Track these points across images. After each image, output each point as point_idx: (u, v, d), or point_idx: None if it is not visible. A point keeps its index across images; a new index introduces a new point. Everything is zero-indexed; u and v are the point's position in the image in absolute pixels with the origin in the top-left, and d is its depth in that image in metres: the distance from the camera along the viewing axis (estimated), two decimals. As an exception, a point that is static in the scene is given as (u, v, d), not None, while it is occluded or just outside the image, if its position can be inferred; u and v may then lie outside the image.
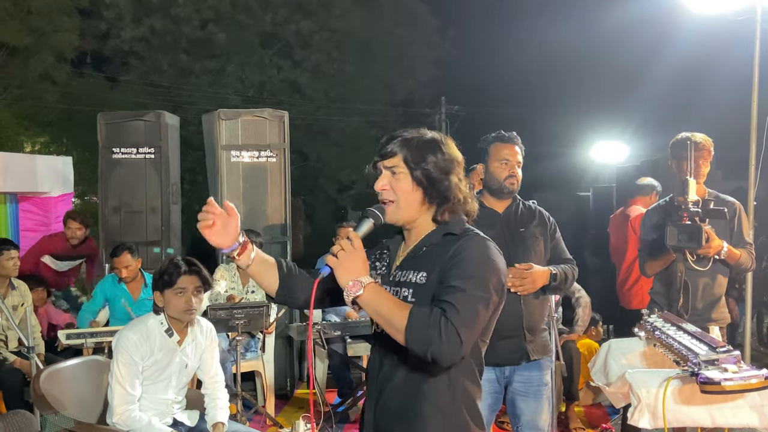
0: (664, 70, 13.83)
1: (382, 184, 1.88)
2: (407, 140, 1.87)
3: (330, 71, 17.92)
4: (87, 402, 3.42)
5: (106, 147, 6.12)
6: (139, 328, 3.34)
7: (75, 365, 3.54)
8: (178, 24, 16.19)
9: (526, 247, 3.11)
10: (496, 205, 3.18)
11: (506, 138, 3.17)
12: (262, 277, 2.01)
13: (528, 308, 3.07)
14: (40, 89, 15.05)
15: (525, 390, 3.11)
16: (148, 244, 6.08)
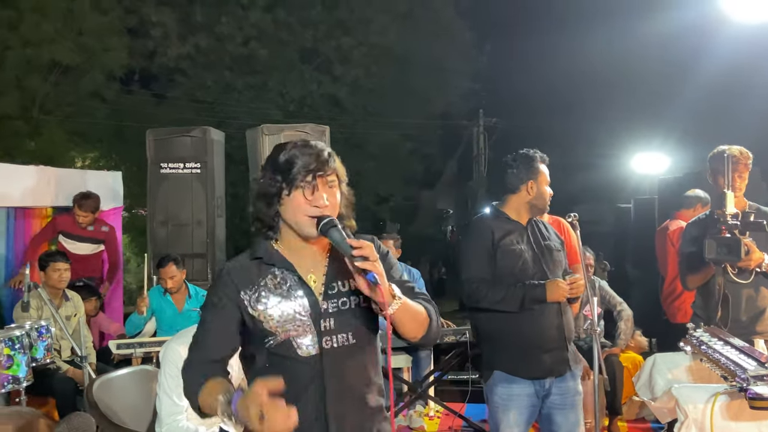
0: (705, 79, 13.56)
1: (326, 198, 1.81)
2: (330, 153, 1.84)
3: (368, 85, 18.06)
4: (137, 411, 3.48)
5: (154, 162, 6.26)
6: (184, 340, 3.37)
7: (125, 375, 3.62)
8: (221, 41, 16.51)
9: (553, 257, 3.14)
10: (519, 218, 3.20)
11: (546, 159, 3.26)
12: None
13: (567, 318, 3.09)
14: (90, 106, 15.48)
15: (562, 402, 3.07)
16: (194, 256, 6.17)
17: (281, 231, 1.88)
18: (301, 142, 1.84)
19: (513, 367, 3.05)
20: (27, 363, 3.93)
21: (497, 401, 3.08)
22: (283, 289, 1.85)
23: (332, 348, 1.83)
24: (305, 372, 1.82)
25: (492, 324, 3.13)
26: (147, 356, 4.81)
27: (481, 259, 3.11)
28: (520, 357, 3.03)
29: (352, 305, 1.86)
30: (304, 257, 1.88)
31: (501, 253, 3.08)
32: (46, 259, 4.99)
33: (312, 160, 1.78)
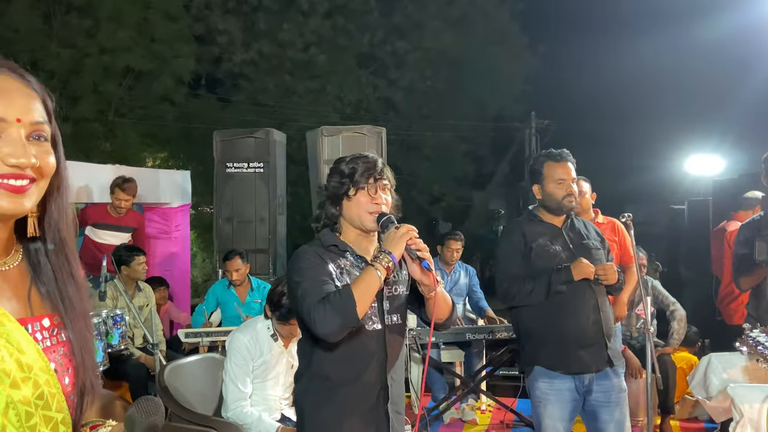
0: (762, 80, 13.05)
1: (387, 202, 2.17)
2: (383, 163, 2.19)
3: (423, 89, 18.04)
4: (204, 396, 3.59)
5: (221, 162, 6.42)
6: (249, 330, 3.48)
7: (194, 361, 3.73)
8: (283, 47, 16.75)
9: (592, 256, 3.07)
10: (554, 220, 3.15)
11: (558, 156, 3.14)
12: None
13: (605, 314, 3.03)
14: (160, 110, 15.94)
15: (606, 399, 3.02)
16: (257, 251, 6.30)
17: (342, 226, 2.21)
18: (359, 155, 2.20)
19: (551, 363, 3.03)
20: (104, 349, 4.07)
21: (539, 396, 3.07)
22: (357, 272, 2.13)
23: (391, 325, 2.18)
24: (372, 344, 2.14)
25: (530, 320, 3.12)
26: (213, 345, 4.94)
27: (513, 261, 3.12)
28: (558, 352, 3.01)
29: (401, 292, 2.23)
30: (363, 248, 2.20)
31: (535, 254, 3.07)
32: (128, 253, 5.15)
33: (371, 167, 2.13)
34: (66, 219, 1.12)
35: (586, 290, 2.99)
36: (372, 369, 2.14)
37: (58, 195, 1.09)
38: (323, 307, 2.00)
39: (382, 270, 1.99)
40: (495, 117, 19.56)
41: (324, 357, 2.14)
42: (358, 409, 2.13)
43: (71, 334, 1.12)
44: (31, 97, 1.05)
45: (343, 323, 1.99)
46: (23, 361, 0.99)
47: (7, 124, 1.00)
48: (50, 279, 1.11)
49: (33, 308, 1.07)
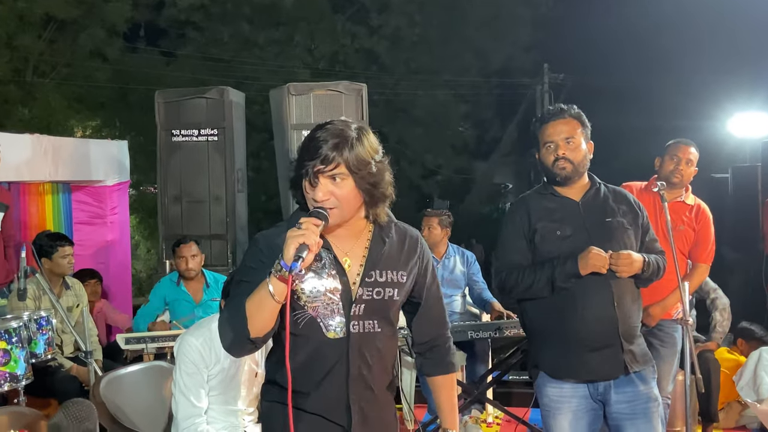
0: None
1: (322, 194, 2.04)
2: (343, 142, 2.03)
3: (412, 38, 17.97)
4: (150, 412, 3.57)
5: (165, 129, 6.35)
6: (202, 332, 3.44)
7: (137, 371, 3.71)
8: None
9: (614, 239, 3.00)
10: (569, 192, 3.09)
11: (548, 115, 3.10)
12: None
13: (623, 311, 2.97)
14: (90, 67, 15.80)
15: (632, 411, 3.00)
16: (212, 237, 6.27)
17: None
18: (328, 127, 2.07)
19: (554, 367, 3.04)
20: (26, 359, 4.03)
21: (547, 404, 3.07)
22: (318, 265, 2.10)
23: (358, 333, 2.13)
24: (331, 353, 2.12)
25: (533, 316, 3.12)
26: (160, 352, 4.92)
27: (514, 246, 3.10)
28: (562, 355, 3.00)
29: (386, 296, 2.17)
30: (341, 239, 2.16)
31: (540, 237, 3.04)
32: (50, 243, 5.09)
33: (317, 152, 2.01)
34: None
35: (600, 281, 2.94)
36: (331, 382, 2.13)
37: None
38: (221, 318, 2.08)
39: (274, 282, 1.94)
40: (500, 71, 19.56)
41: (276, 368, 2.16)
42: (317, 426, 2.14)
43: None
44: None
45: (234, 340, 2.05)
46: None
47: None
48: None
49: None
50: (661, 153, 4.25)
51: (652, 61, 18.70)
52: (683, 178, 4.12)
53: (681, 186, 4.14)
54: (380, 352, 2.19)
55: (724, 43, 17.22)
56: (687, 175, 4.14)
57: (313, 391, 2.12)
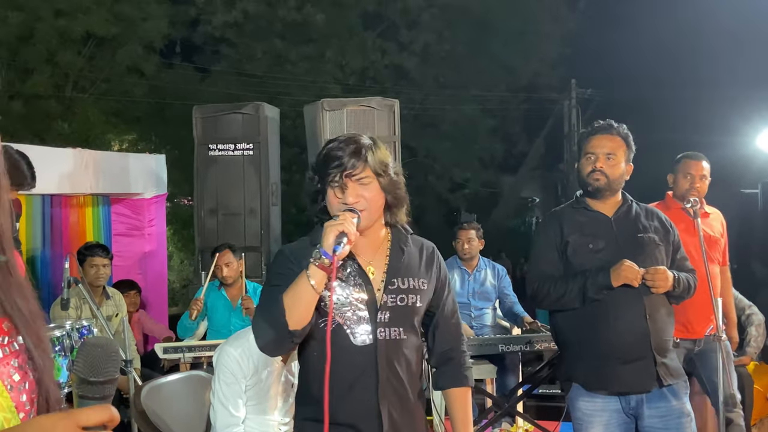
0: None
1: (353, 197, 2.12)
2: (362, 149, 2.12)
3: (440, 53, 17.98)
4: (189, 420, 3.59)
5: (202, 143, 6.43)
6: (240, 343, 3.46)
7: (176, 381, 3.74)
8: (272, 6, 16.76)
9: (645, 254, 3.00)
10: (602, 207, 3.11)
11: (597, 129, 3.12)
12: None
13: (655, 324, 2.97)
14: (127, 83, 15.96)
15: (664, 426, 2.98)
16: (247, 249, 6.30)
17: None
18: (340, 139, 2.17)
19: (587, 380, 3.03)
20: (68, 367, 4.07)
21: (580, 417, 3.06)
22: (343, 274, 2.16)
23: (385, 339, 2.16)
24: (360, 361, 2.14)
25: (566, 328, 3.12)
26: (197, 361, 4.95)
27: (546, 257, 3.12)
28: (595, 367, 2.99)
29: (409, 303, 2.21)
30: (363, 248, 2.20)
31: (572, 250, 3.05)
32: (84, 252, 5.16)
33: (340, 160, 2.10)
34: (2, 211, 1.11)
35: (632, 294, 2.94)
36: (361, 391, 2.15)
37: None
38: (257, 317, 2.10)
39: (313, 271, 1.98)
40: (527, 86, 19.49)
41: (311, 375, 2.19)
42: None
43: (27, 338, 1.11)
44: None
45: (274, 335, 2.06)
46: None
47: None
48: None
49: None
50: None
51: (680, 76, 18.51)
52: (700, 194, 4.08)
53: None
54: (407, 359, 2.21)
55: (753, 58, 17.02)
56: (703, 191, 4.12)
57: (343, 400, 2.12)
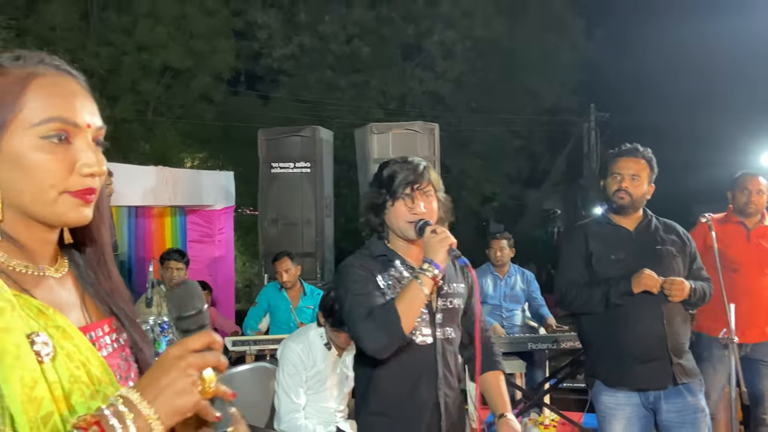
0: None
1: (424, 208, 2.14)
2: (425, 167, 2.18)
3: (473, 81, 17.92)
4: (256, 406, 3.62)
5: (265, 162, 6.50)
6: (302, 339, 3.50)
7: (245, 371, 3.77)
8: (324, 41, 16.89)
9: (664, 264, 2.94)
10: (625, 222, 3.06)
11: (624, 151, 3.07)
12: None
13: (672, 328, 2.91)
14: (199, 108, 16.23)
15: (681, 420, 2.91)
16: (304, 255, 6.36)
17: (390, 235, 2.23)
18: (401, 159, 2.21)
19: (608, 377, 2.98)
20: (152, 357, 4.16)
21: (603, 410, 3.01)
22: (404, 283, 2.13)
23: (441, 339, 2.17)
24: (422, 358, 2.14)
25: (590, 330, 3.07)
26: (261, 353, 5.00)
27: (572, 265, 3.07)
28: (616, 365, 2.94)
29: (456, 305, 2.24)
30: (414, 256, 2.21)
31: (595, 260, 3.01)
32: (164, 256, 5.25)
33: (410, 175, 2.13)
34: (105, 222, 1.13)
35: (651, 301, 2.89)
36: (423, 385, 2.14)
37: (100, 199, 1.08)
38: (368, 323, 2.04)
39: (426, 281, 1.99)
40: (550, 110, 19.31)
41: (376, 373, 2.16)
42: (413, 427, 2.14)
43: (132, 333, 1.13)
44: (91, 100, 1.05)
45: (388, 340, 2.03)
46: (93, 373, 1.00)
47: (79, 130, 1.01)
48: (94, 283, 1.13)
49: (90, 315, 1.09)
50: (720, 185, 4.18)
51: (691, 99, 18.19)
52: (758, 207, 4.00)
53: (757, 213, 4.02)
54: (455, 355, 2.24)
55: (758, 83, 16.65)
56: (760, 204, 4.02)
57: (410, 395, 2.13)
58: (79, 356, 0.99)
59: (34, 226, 1.02)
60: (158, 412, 0.90)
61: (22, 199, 0.99)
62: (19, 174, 0.99)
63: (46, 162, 0.98)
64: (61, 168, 0.99)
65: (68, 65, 1.08)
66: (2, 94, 0.99)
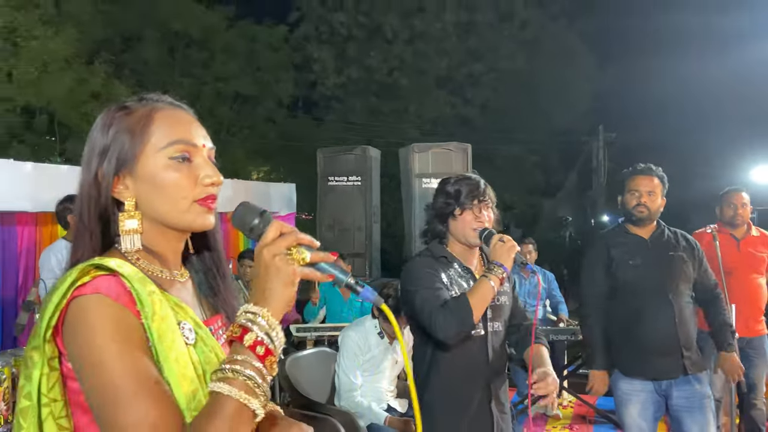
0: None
1: (488, 219, 2.19)
2: (485, 184, 2.21)
3: (496, 106, 17.81)
4: (320, 385, 3.65)
5: (323, 176, 6.55)
6: (359, 328, 3.52)
7: (310, 354, 3.80)
8: (370, 72, 16.97)
9: (676, 269, 2.89)
10: (640, 232, 2.99)
11: (639, 170, 3.02)
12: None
13: (683, 326, 2.85)
14: (263, 129, 16.45)
15: (689, 405, 2.85)
16: (355, 255, 6.39)
17: (449, 240, 2.24)
18: (462, 176, 2.25)
19: (626, 368, 2.92)
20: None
21: (620, 396, 2.96)
22: (463, 282, 2.17)
23: (492, 331, 2.18)
24: (476, 348, 2.15)
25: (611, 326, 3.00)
26: (319, 339, 5.03)
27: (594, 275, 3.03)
28: (633, 358, 2.89)
29: (503, 302, 2.24)
30: (468, 260, 2.24)
31: (615, 264, 2.95)
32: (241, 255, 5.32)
33: (474, 189, 2.17)
34: (219, 232, 1.16)
35: (664, 303, 2.85)
36: (476, 370, 2.15)
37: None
38: (443, 313, 2.03)
39: (495, 281, 2.02)
40: (564, 131, 19.08)
41: (436, 358, 2.16)
42: (467, 407, 2.13)
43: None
44: (200, 126, 1.09)
45: (460, 328, 2.03)
46: (219, 358, 1.02)
47: (197, 150, 1.05)
48: (211, 284, 1.15)
49: (206, 311, 1.12)
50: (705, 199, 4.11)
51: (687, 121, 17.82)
52: (744, 219, 3.93)
53: (743, 224, 3.95)
54: (501, 346, 2.23)
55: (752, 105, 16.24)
56: (745, 216, 3.94)
57: (464, 379, 2.14)
58: (209, 343, 1.02)
59: (168, 234, 1.06)
60: (272, 309, 0.92)
61: (160, 211, 1.03)
62: (155, 191, 1.02)
63: (176, 178, 1.02)
64: (187, 182, 1.02)
65: (176, 100, 1.13)
66: (133, 128, 1.04)
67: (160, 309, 0.95)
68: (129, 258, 1.03)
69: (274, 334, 0.92)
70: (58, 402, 0.95)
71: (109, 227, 1.04)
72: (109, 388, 0.88)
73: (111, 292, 0.92)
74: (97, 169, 1.03)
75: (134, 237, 1.03)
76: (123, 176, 1.03)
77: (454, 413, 2.13)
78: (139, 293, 0.94)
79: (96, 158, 1.04)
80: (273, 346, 0.91)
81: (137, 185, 1.03)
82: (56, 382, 0.95)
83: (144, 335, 0.93)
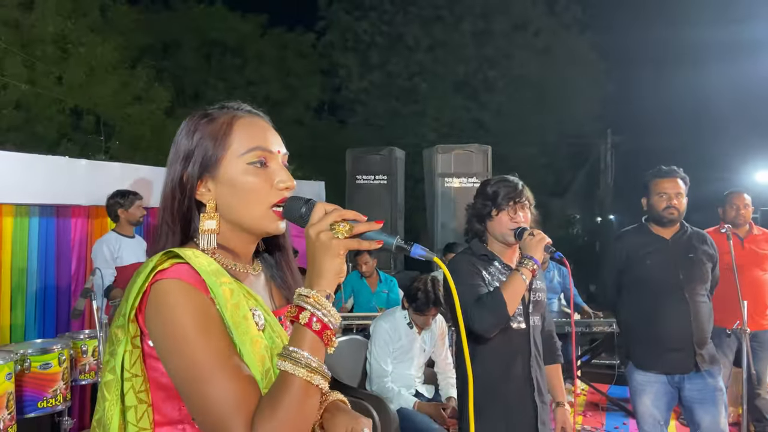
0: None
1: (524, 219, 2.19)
2: (523, 185, 2.23)
3: (509, 110, 17.67)
4: (352, 371, 3.66)
5: (351, 175, 6.55)
6: (389, 319, 3.51)
7: (342, 342, 3.80)
8: (391, 77, 16.93)
9: (695, 270, 2.83)
10: (663, 232, 2.93)
11: (664, 172, 2.94)
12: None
13: (697, 324, 2.79)
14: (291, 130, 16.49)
15: (701, 397, 2.80)
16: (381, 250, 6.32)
17: (489, 239, 2.24)
18: (502, 179, 2.25)
19: (641, 361, 2.88)
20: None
21: (635, 386, 2.93)
22: (502, 278, 2.16)
23: (532, 325, 2.17)
24: (517, 341, 2.14)
25: (628, 320, 2.98)
26: (347, 327, 5.03)
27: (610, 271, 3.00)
28: (648, 352, 2.85)
29: (541, 298, 2.25)
30: (508, 257, 2.23)
31: (636, 263, 2.91)
32: None
33: (512, 191, 2.18)
34: (288, 233, 1.17)
35: (681, 301, 2.80)
36: (519, 363, 2.13)
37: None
38: (479, 307, 2.03)
39: (527, 274, 2.02)
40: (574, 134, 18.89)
41: (480, 352, 2.14)
42: (510, 399, 2.12)
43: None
44: (276, 133, 1.11)
45: (496, 321, 2.03)
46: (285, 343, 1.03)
47: (273, 156, 1.06)
48: (282, 278, 1.17)
49: (276, 302, 1.13)
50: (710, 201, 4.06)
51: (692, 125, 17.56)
52: (746, 219, 3.89)
53: (746, 224, 3.90)
54: (540, 340, 2.23)
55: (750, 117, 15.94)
56: (748, 216, 3.90)
57: (506, 370, 2.13)
58: (276, 329, 1.03)
59: (243, 235, 1.07)
60: (323, 283, 0.93)
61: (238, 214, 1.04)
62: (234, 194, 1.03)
63: (254, 183, 1.03)
64: (264, 186, 1.04)
65: (255, 109, 1.13)
66: (216, 134, 1.04)
67: (231, 297, 0.97)
68: (206, 252, 1.03)
69: (325, 310, 0.93)
70: (139, 377, 0.96)
71: (190, 225, 1.05)
72: (192, 364, 0.90)
73: (189, 278, 0.94)
74: (182, 171, 1.04)
75: (212, 236, 1.05)
76: (205, 180, 1.04)
77: (498, 405, 2.11)
78: (211, 283, 0.95)
79: (181, 161, 1.05)
80: (327, 320, 0.92)
81: (218, 188, 1.04)
82: (138, 359, 0.97)
83: (220, 319, 0.94)
